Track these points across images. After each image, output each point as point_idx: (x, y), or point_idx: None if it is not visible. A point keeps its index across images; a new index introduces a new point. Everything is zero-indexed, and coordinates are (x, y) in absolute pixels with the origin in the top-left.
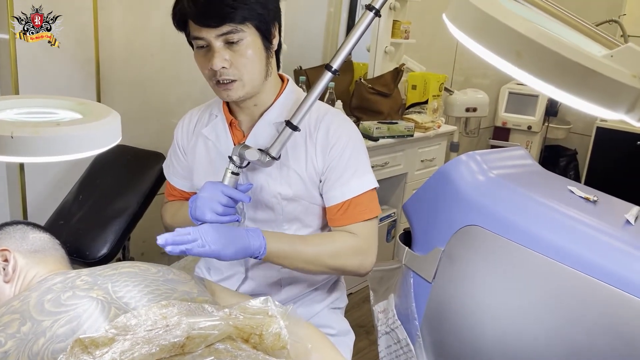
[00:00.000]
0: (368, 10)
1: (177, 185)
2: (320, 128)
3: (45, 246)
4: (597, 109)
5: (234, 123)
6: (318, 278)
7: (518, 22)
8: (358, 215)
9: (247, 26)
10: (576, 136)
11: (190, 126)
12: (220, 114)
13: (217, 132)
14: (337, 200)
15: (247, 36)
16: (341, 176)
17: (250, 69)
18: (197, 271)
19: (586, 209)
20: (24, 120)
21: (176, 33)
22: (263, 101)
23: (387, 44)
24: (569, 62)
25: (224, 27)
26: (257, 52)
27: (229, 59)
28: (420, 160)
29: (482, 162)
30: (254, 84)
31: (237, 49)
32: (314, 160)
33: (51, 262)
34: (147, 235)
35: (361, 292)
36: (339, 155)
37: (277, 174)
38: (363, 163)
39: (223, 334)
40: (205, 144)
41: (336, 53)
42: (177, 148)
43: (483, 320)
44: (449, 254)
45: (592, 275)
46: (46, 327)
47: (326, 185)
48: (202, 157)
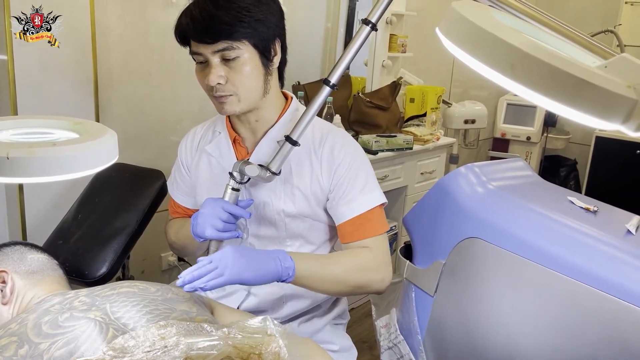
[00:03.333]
0: (364, 25)
1: (180, 203)
2: (325, 146)
3: (44, 267)
4: (592, 120)
5: (237, 140)
6: (320, 294)
7: (511, 35)
8: (370, 230)
9: (243, 43)
10: (575, 146)
11: (194, 143)
12: (224, 130)
13: (220, 149)
14: (347, 217)
15: (244, 53)
16: (349, 193)
17: (247, 85)
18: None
19: (587, 219)
20: (20, 140)
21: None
22: (265, 118)
23: (385, 58)
24: (563, 74)
25: (220, 43)
26: (254, 69)
27: (224, 75)
28: (420, 172)
29: (481, 174)
30: (250, 100)
31: (234, 66)
32: (319, 178)
33: (49, 283)
34: (147, 253)
35: (363, 307)
36: (345, 173)
37: (281, 191)
38: (371, 179)
39: (222, 354)
40: (208, 161)
41: (334, 68)
42: (180, 165)
43: (486, 333)
44: (450, 267)
45: (593, 286)
46: (43, 350)
47: (334, 203)
48: (205, 174)
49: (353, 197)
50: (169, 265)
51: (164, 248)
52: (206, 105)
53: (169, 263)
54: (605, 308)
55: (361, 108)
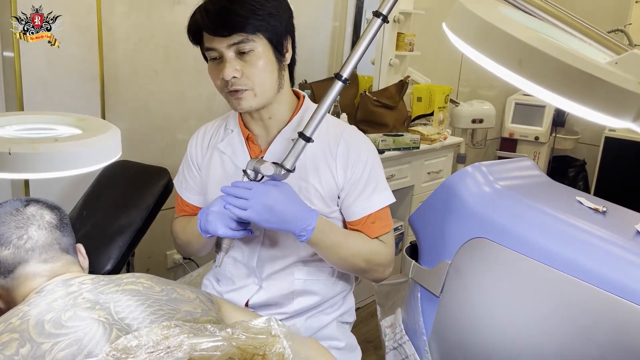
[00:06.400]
0: (375, 17)
1: (189, 201)
2: (340, 144)
3: (21, 259)
4: (602, 117)
5: (250, 137)
6: (329, 292)
7: (520, 30)
8: (380, 228)
9: (258, 37)
10: (584, 146)
11: (205, 141)
12: (236, 128)
13: (233, 147)
14: (360, 215)
15: (258, 47)
16: (363, 192)
17: (262, 79)
18: (205, 282)
19: (595, 220)
20: (23, 136)
21: (179, 50)
22: (278, 115)
23: (392, 57)
24: (573, 70)
25: (235, 36)
26: (268, 63)
27: (240, 69)
28: (427, 172)
29: (488, 173)
30: (265, 94)
31: (248, 59)
32: (335, 175)
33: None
34: (152, 251)
35: (368, 307)
36: (360, 172)
37: (296, 189)
38: (382, 179)
39: (225, 355)
40: (220, 158)
41: (345, 62)
42: (190, 163)
43: (492, 334)
44: (456, 267)
45: (601, 287)
46: (46, 350)
47: (347, 201)
48: (217, 172)
49: (368, 195)
50: (174, 263)
51: (169, 246)
52: (212, 103)
53: (174, 261)
54: (614, 310)
55: (368, 107)
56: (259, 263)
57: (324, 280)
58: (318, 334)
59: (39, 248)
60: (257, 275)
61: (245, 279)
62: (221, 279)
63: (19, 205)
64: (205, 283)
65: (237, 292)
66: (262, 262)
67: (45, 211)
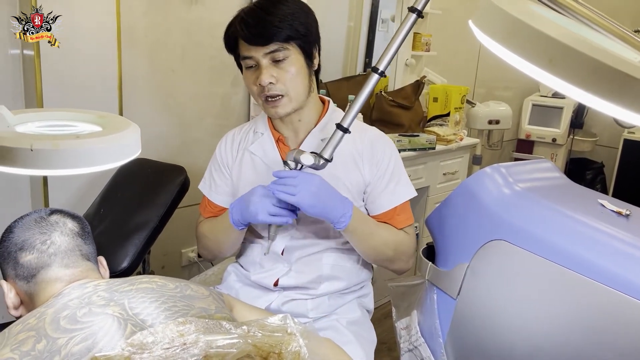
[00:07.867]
0: (410, 12)
1: (220, 203)
2: (365, 141)
3: (43, 264)
4: (635, 117)
5: (281, 139)
6: (354, 278)
7: (551, 27)
8: (405, 220)
9: (291, 45)
10: (603, 149)
11: (234, 145)
12: (266, 131)
13: (264, 149)
14: (386, 207)
15: (292, 54)
16: (388, 185)
17: (295, 84)
18: (230, 269)
19: (618, 223)
20: (44, 133)
21: (196, 49)
22: (306, 118)
23: (408, 57)
24: (607, 68)
25: (271, 45)
26: (300, 69)
27: (275, 76)
28: (443, 173)
29: (508, 174)
30: (299, 99)
31: (283, 66)
32: (362, 170)
33: (61, 277)
34: (167, 248)
35: (382, 307)
36: (385, 167)
37: None
38: (404, 174)
39: (241, 353)
40: (252, 160)
41: (382, 55)
42: (220, 166)
43: (510, 337)
44: (474, 269)
45: (623, 291)
46: (61, 345)
47: (373, 194)
48: (248, 172)
49: (393, 189)
50: (189, 261)
51: (185, 244)
52: (228, 102)
53: (189, 259)
54: (635, 315)
55: (384, 107)
56: (289, 250)
57: (350, 267)
58: (339, 310)
59: (61, 253)
60: (287, 260)
61: (275, 263)
62: (248, 265)
63: (43, 214)
64: (229, 270)
65: (266, 273)
66: (291, 249)
67: (68, 219)
